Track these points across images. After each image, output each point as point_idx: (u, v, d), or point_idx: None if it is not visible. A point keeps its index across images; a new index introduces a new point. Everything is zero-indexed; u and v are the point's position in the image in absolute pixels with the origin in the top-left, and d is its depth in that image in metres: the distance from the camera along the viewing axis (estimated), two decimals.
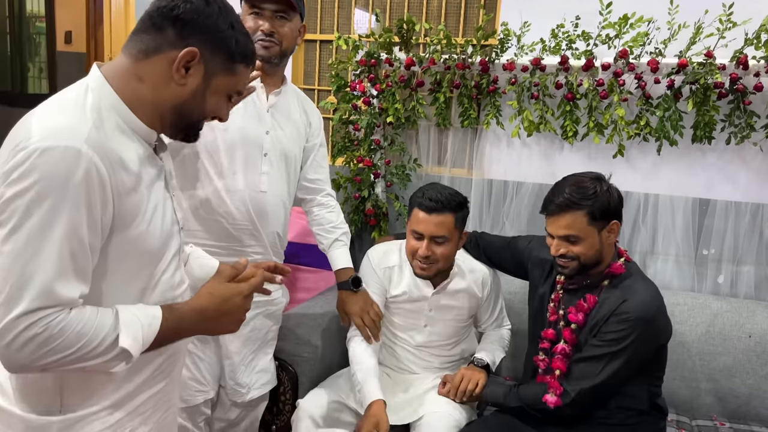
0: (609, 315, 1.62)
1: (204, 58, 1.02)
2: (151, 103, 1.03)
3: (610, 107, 2.26)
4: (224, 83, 1.07)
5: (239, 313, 1.14)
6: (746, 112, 2.13)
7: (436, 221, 1.78)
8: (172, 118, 1.06)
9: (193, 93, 1.04)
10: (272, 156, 1.74)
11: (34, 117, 0.95)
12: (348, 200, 2.69)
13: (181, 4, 1.00)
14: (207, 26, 1.02)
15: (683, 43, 2.14)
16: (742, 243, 2.26)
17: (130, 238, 1.01)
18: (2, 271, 0.90)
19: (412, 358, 2.00)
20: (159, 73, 1.02)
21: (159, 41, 1.01)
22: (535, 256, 1.91)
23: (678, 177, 2.32)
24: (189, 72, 1.02)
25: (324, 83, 2.99)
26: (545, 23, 2.31)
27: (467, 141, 2.63)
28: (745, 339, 2.06)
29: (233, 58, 1.06)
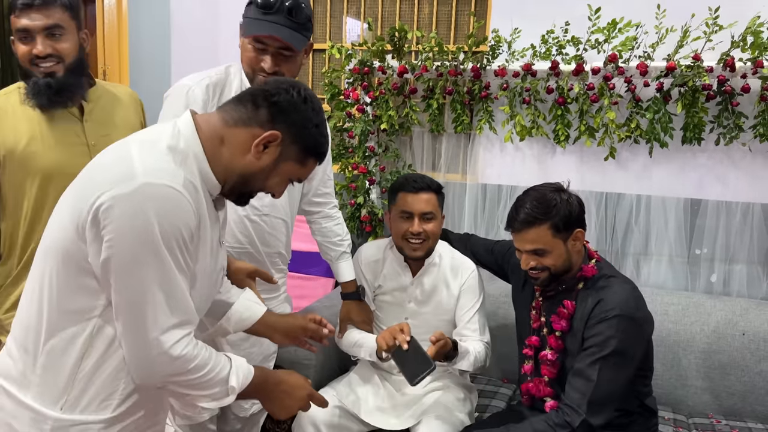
0: (587, 319, 1.62)
1: (283, 143, 1.12)
2: (225, 165, 1.13)
3: (600, 111, 2.29)
4: (291, 170, 1.17)
5: (297, 403, 1.28)
6: (734, 113, 2.16)
7: (424, 198, 1.89)
8: (236, 182, 1.15)
9: (262, 168, 1.13)
10: None
11: (133, 154, 1.04)
12: (344, 207, 2.70)
13: (283, 94, 1.12)
14: (296, 119, 1.12)
15: (671, 47, 2.18)
16: (734, 242, 2.29)
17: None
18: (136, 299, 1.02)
19: None
20: (241, 142, 1.11)
21: (252, 116, 1.11)
22: (514, 262, 1.91)
23: (669, 178, 2.35)
24: (266, 150, 1.12)
25: (317, 91, 3.01)
26: (535, 29, 2.34)
27: (461, 146, 2.65)
28: (738, 337, 2.08)
29: (308, 152, 1.16)
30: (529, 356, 1.78)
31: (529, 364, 1.78)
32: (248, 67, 1.57)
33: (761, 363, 2.05)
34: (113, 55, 3.19)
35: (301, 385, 1.28)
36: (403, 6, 2.81)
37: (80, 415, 1.08)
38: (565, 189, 1.67)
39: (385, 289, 2.01)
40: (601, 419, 1.56)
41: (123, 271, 1.01)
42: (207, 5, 2.99)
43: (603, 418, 1.56)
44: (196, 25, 3.02)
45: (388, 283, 2.00)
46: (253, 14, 1.52)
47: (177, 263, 1.04)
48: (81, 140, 1.68)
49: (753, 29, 2.06)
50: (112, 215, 0.98)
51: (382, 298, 2.02)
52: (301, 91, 1.14)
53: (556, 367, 1.70)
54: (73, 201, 1.04)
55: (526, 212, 1.62)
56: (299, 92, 1.13)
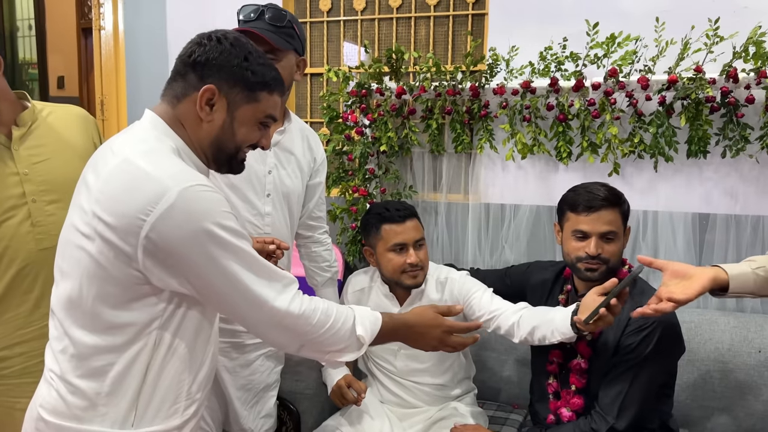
0: (625, 324, 1.61)
1: (223, 92, 1.11)
2: (196, 144, 1.14)
3: (602, 126, 2.26)
4: (249, 112, 1.15)
5: (434, 341, 1.30)
6: (739, 125, 2.12)
7: (412, 226, 1.86)
8: (212, 153, 1.16)
9: (222, 127, 1.13)
10: (275, 196, 1.72)
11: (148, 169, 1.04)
12: (345, 231, 2.66)
13: (196, 49, 1.12)
14: (220, 64, 1.11)
15: (672, 59, 2.15)
16: (745, 256, 2.20)
17: None
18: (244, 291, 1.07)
19: (406, 390, 1.95)
20: (192, 114, 1.12)
21: (185, 85, 1.12)
22: (535, 280, 1.90)
23: (676, 193, 2.30)
24: (213, 108, 1.12)
25: (316, 115, 2.99)
26: (533, 46, 2.32)
27: (462, 166, 2.61)
28: (755, 354, 2.02)
29: (252, 87, 1.14)
30: (553, 372, 1.74)
31: (554, 381, 1.74)
32: None
33: None
34: (111, 86, 3.18)
35: (435, 323, 1.29)
36: (400, 28, 2.80)
37: (152, 426, 1.09)
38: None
39: None
40: (626, 422, 1.57)
41: (209, 277, 1.05)
42: None
43: (627, 421, 1.57)
44: None
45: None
46: (238, 26, 1.60)
47: (243, 241, 1.07)
48: (11, 169, 1.50)
49: (755, 39, 2.03)
50: (168, 236, 1.01)
51: None
52: (212, 36, 1.13)
53: (585, 376, 1.67)
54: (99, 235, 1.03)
55: (605, 193, 1.63)
56: (210, 38, 1.12)
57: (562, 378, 1.74)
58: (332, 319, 1.14)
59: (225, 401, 1.72)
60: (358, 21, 2.86)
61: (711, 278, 1.30)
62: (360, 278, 2.03)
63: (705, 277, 1.30)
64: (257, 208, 1.69)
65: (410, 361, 1.93)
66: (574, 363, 1.68)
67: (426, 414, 1.90)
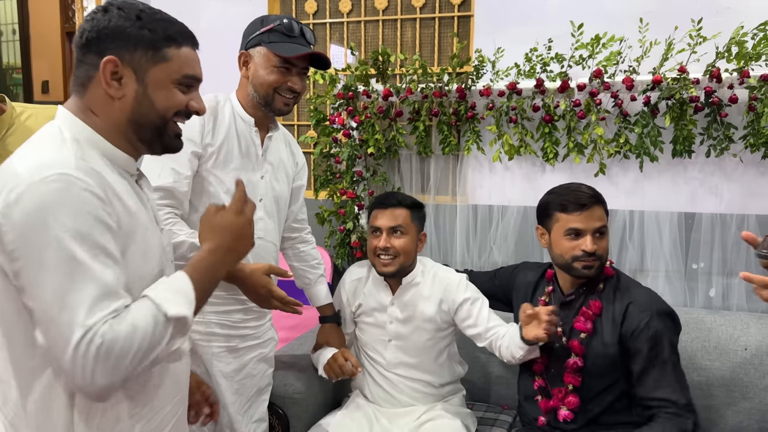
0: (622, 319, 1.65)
1: (126, 61, 1.02)
2: (110, 129, 1.04)
3: (588, 127, 2.27)
4: (162, 73, 1.05)
5: (243, 229, 1.14)
6: (723, 125, 2.14)
7: (392, 214, 1.89)
8: (135, 132, 1.05)
9: (136, 98, 1.03)
10: (266, 201, 1.74)
11: (15, 160, 0.95)
12: (333, 233, 2.66)
13: (85, 26, 1.02)
14: (113, 32, 1.01)
15: (656, 60, 2.16)
16: (731, 255, 2.25)
17: (126, 271, 0.98)
18: (48, 307, 0.90)
19: (394, 386, 1.95)
20: (100, 97, 1.03)
21: (88, 69, 1.02)
22: (520, 280, 1.92)
23: (661, 192, 2.32)
24: (122, 82, 1.02)
25: (303, 118, 2.98)
26: (518, 48, 2.32)
27: (449, 168, 2.62)
28: (741, 352, 2.03)
29: (156, 46, 1.04)
30: (539, 372, 1.75)
31: (539, 380, 1.75)
32: (269, 88, 1.64)
33: (766, 378, 2.00)
34: None
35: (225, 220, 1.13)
36: (386, 30, 2.80)
37: None
38: None
39: (366, 309, 1.99)
40: (686, 395, 1.63)
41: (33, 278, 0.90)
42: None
43: (686, 394, 1.64)
44: None
45: (368, 301, 1.98)
46: (278, 39, 1.62)
47: (90, 251, 0.91)
48: None
49: (737, 39, 2.05)
50: (9, 232, 0.90)
51: (364, 319, 2.00)
52: (98, 8, 1.03)
53: (580, 375, 1.68)
54: None
55: (592, 191, 1.68)
56: (96, 12, 1.03)
57: (551, 377, 1.75)
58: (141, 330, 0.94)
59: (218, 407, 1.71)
60: (344, 23, 2.85)
61: None
62: (358, 269, 2.08)
63: None
64: (261, 217, 1.71)
65: (400, 353, 1.94)
66: (570, 362, 1.68)
67: (413, 415, 1.90)
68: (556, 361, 1.74)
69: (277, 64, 1.62)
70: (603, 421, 1.69)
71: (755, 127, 2.08)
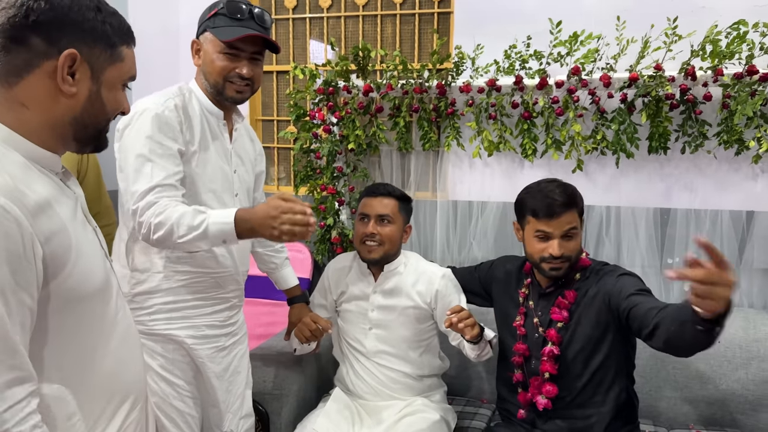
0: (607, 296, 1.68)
1: (84, 56, 0.91)
2: (43, 126, 0.92)
3: (566, 123, 2.29)
4: (116, 74, 0.97)
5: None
6: (698, 122, 2.18)
7: (381, 203, 1.93)
8: (74, 132, 0.95)
9: (88, 98, 0.94)
10: (241, 195, 1.72)
11: None
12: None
13: (34, 5, 0.87)
14: (74, 20, 0.90)
15: (633, 58, 2.19)
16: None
17: (67, 284, 0.91)
18: None
19: (375, 377, 1.96)
20: (42, 90, 0.90)
21: (27, 57, 0.88)
22: (499, 273, 1.96)
23: (637, 188, 2.35)
24: (76, 78, 0.91)
25: (282, 113, 2.97)
26: (498, 45, 2.34)
27: (429, 164, 2.63)
28: (715, 345, 2.06)
29: (113, 44, 0.95)
30: (519, 364, 1.77)
31: (518, 373, 1.79)
32: (218, 76, 1.56)
33: (738, 370, 2.04)
34: None
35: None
36: (366, 25, 2.79)
37: None
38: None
39: (348, 296, 2.01)
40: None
41: None
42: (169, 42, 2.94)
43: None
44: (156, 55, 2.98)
45: (351, 288, 2.01)
46: (222, 23, 1.53)
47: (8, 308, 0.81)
48: None
49: (711, 38, 2.08)
50: None
51: (346, 306, 2.02)
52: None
53: (557, 363, 1.72)
54: None
55: (563, 197, 1.68)
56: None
57: (531, 370, 1.77)
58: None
59: (205, 406, 1.70)
60: (324, 18, 2.84)
61: None
62: (343, 258, 2.11)
63: None
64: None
65: (379, 342, 1.95)
66: (547, 350, 1.72)
67: (395, 408, 1.91)
68: (535, 353, 1.76)
69: (223, 50, 1.54)
70: (580, 403, 1.71)
71: (728, 124, 2.12)
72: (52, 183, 0.94)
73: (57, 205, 0.92)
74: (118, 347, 1.04)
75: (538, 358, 1.75)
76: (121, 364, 1.05)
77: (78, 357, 0.96)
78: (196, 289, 1.61)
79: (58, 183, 0.97)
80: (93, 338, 0.99)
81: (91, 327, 0.98)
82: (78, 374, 0.96)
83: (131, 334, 1.10)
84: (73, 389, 0.95)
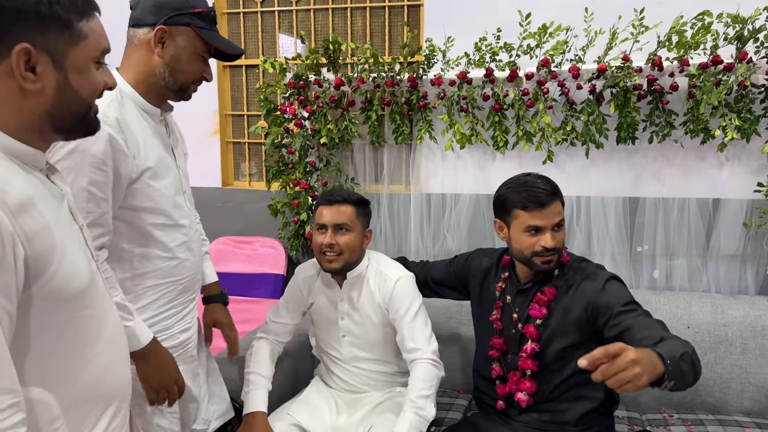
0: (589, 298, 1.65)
1: (39, 46, 0.85)
2: (18, 125, 0.87)
3: (536, 115, 2.31)
4: (81, 54, 0.90)
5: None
6: (665, 111, 2.21)
7: (337, 211, 1.86)
8: (51, 124, 0.91)
9: (57, 89, 0.88)
10: (187, 190, 1.64)
11: None
12: (287, 225, 2.64)
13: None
14: (18, 8, 0.82)
15: (601, 49, 2.21)
16: (673, 237, 2.34)
17: (50, 285, 0.88)
18: None
19: (352, 375, 1.97)
20: (6, 92, 0.85)
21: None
22: (475, 266, 1.94)
23: (607, 178, 2.39)
24: (36, 72, 0.85)
25: (253, 108, 2.94)
26: (468, 37, 2.34)
27: (402, 157, 2.63)
28: (684, 330, 2.11)
29: (69, 22, 0.88)
30: (496, 358, 1.78)
31: (497, 367, 1.79)
32: (190, 76, 1.48)
33: (707, 355, 2.09)
34: None
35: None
36: (336, 19, 2.77)
37: None
38: None
39: (318, 306, 1.99)
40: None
41: None
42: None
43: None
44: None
45: (319, 298, 1.98)
46: (205, 25, 1.46)
47: None
48: None
49: (677, 29, 2.11)
50: None
51: (317, 315, 2.00)
52: None
53: (536, 361, 1.72)
54: None
55: (548, 186, 1.67)
56: None
57: (508, 364, 1.78)
58: None
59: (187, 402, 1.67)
60: (293, 11, 2.82)
61: None
62: (307, 267, 2.05)
63: None
64: (184, 204, 1.59)
65: (354, 348, 1.94)
66: (528, 348, 1.71)
67: (373, 397, 1.93)
68: (512, 347, 1.77)
69: (202, 52, 1.48)
70: (558, 398, 1.73)
71: (695, 113, 2.16)
72: (35, 180, 0.90)
73: (40, 203, 0.88)
74: (104, 351, 1.01)
75: (515, 353, 1.75)
76: (107, 368, 1.03)
77: (62, 361, 0.94)
78: (168, 299, 1.55)
79: (42, 180, 0.93)
80: (78, 342, 0.96)
81: (75, 330, 0.95)
82: (62, 379, 0.94)
83: (118, 337, 1.08)
84: (56, 394, 0.92)
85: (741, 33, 2.07)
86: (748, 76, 2.08)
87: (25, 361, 0.88)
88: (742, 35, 2.07)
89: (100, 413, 1.02)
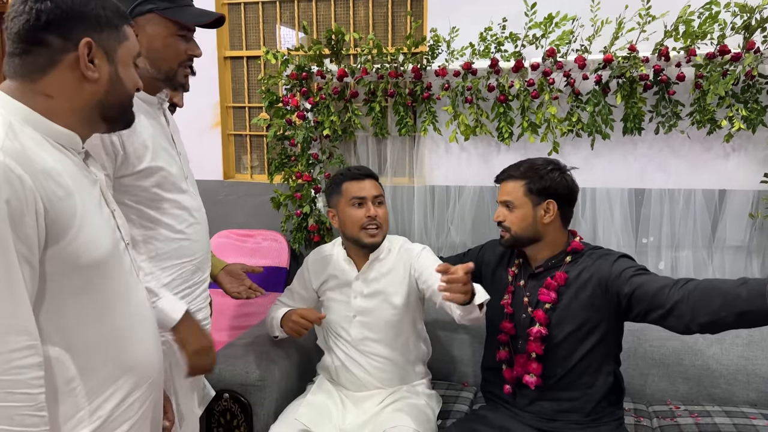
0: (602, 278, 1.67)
1: (97, 41, 1.01)
2: (69, 112, 1.02)
3: (542, 106, 2.29)
4: (125, 52, 1.07)
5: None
6: (671, 102, 2.20)
7: (372, 184, 1.91)
8: (100, 113, 1.05)
9: (109, 80, 1.04)
10: (190, 178, 1.61)
11: None
12: (290, 218, 2.62)
13: (42, 7, 0.97)
14: (79, 12, 1.00)
15: (607, 39, 2.19)
16: (678, 229, 2.33)
17: (67, 250, 0.96)
18: None
19: (360, 367, 1.95)
20: (67, 81, 1.00)
21: (48, 54, 0.99)
22: (489, 255, 1.97)
23: (612, 169, 2.37)
24: (95, 63, 1.02)
25: (254, 100, 2.91)
26: (473, 27, 2.32)
27: (406, 149, 2.61)
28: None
29: (116, 25, 1.05)
30: (504, 342, 1.78)
31: (504, 351, 1.80)
32: (174, 61, 1.44)
33: (713, 346, 2.09)
34: None
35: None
36: (338, 9, 2.75)
37: None
38: (562, 168, 1.79)
39: (331, 285, 1.99)
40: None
41: None
42: None
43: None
44: None
45: (334, 277, 1.98)
46: (168, 4, 1.40)
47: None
48: None
49: (684, 18, 2.10)
50: None
51: (329, 295, 2.00)
52: None
53: (544, 344, 1.72)
54: None
55: (512, 168, 1.78)
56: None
57: (518, 348, 1.78)
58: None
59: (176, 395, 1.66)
60: (295, 2, 2.78)
61: None
62: (324, 248, 2.07)
63: None
64: (188, 183, 1.56)
65: (364, 329, 1.93)
66: (534, 330, 1.72)
67: (379, 397, 1.91)
68: (522, 332, 1.77)
69: (177, 32, 1.42)
70: (566, 385, 1.73)
71: (701, 104, 2.15)
72: (66, 159, 1.00)
73: (67, 177, 0.97)
74: (126, 325, 1.09)
75: (525, 339, 1.75)
76: (128, 342, 1.10)
77: (79, 326, 1.01)
78: (182, 279, 1.54)
79: (76, 162, 1.03)
80: (96, 310, 1.03)
81: (93, 298, 1.02)
82: (78, 342, 1.00)
83: (142, 317, 1.15)
84: (72, 355, 1.00)
85: (748, 22, 2.05)
86: (755, 66, 2.06)
87: (41, 318, 0.95)
88: (749, 25, 2.05)
89: (117, 380, 1.07)
